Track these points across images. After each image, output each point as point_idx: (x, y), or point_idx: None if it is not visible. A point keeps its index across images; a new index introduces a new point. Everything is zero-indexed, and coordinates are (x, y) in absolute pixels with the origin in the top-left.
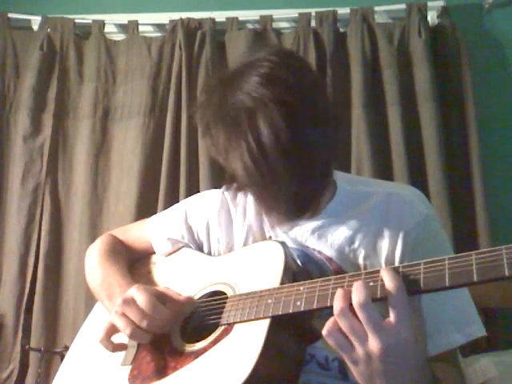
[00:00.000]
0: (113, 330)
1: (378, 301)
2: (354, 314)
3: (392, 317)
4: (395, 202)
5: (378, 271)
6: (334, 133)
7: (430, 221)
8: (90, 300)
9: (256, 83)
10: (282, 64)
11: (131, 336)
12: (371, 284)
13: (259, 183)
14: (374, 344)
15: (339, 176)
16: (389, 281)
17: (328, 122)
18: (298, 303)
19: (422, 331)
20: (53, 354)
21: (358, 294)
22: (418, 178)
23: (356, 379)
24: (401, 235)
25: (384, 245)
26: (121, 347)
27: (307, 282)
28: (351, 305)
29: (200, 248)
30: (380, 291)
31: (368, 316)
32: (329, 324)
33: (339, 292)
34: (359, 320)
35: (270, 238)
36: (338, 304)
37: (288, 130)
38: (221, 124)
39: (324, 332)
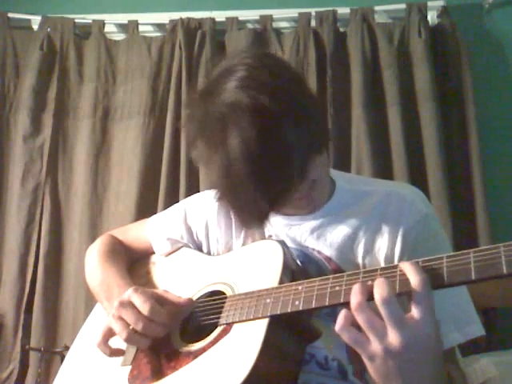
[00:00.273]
0: (110, 333)
1: (398, 296)
2: (371, 308)
3: (416, 312)
4: (395, 201)
5: (376, 270)
6: (317, 128)
7: (430, 220)
8: (89, 300)
9: (234, 88)
10: (258, 65)
11: (127, 340)
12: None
13: (229, 191)
14: (394, 339)
15: (338, 175)
16: (414, 275)
17: (309, 118)
18: (297, 303)
19: (438, 326)
20: (53, 353)
21: (381, 289)
22: (418, 178)
23: (371, 375)
24: (400, 234)
25: (383, 244)
26: (118, 353)
27: (306, 281)
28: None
29: (199, 248)
30: (400, 286)
31: (391, 311)
32: (341, 320)
33: (357, 286)
34: (377, 315)
35: (270, 237)
36: (355, 298)
37: (258, 138)
38: (202, 134)
39: (337, 327)
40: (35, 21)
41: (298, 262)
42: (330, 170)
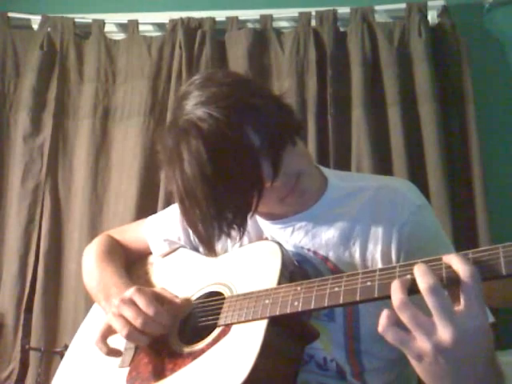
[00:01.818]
0: (109, 331)
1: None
2: (415, 305)
3: (466, 303)
4: (387, 195)
5: (374, 271)
6: (279, 123)
7: (424, 211)
8: (90, 300)
9: (188, 111)
10: (206, 81)
11: (128, 337)
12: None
13: (185, 209)
14: (445, 334)
15: (330, 172)
16: (463, 265)
17: (264, 116)
18: (296, 303)
19: (487, 319)
20: (53, 353)
21: (426, 278)
22: (417, 178)
23: (420, 375)
24: (395, 227)
25: (379, 239)
26: (115, 352)
27: (305, 282)
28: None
29: (196, 249)
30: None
31: (440, 301)
32: (384, 320)
33: (396, 283)
34: (422, 310)
35: (267, 239)
36: (397, 295)
37: (210, 161)
38: (167, 162)
39: (380, 328)
40: (35, 20)
41: (296, 263)
42: (313, 161)
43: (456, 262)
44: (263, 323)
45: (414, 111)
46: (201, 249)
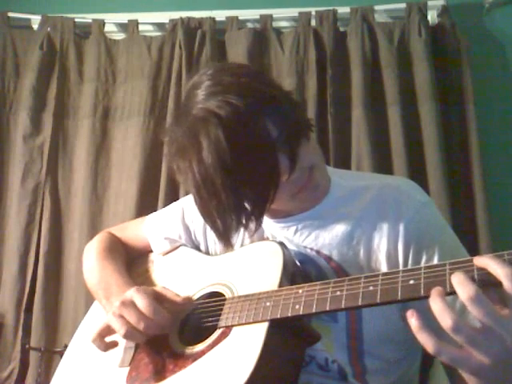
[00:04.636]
0: (107, 330)
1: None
2: (468, 324)
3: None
4: (391, 194)
5: (377, 275)
6: (294, 116)
7: (429, 208)
8: (90, 299)
9: (201, 99)
10: (219, 71)
11: (126, 336)
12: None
13: (202, 201)
14: (500, 343)
15: (332, 171)
16: (502, 267)
17: (282, 108)
18: (297, 307)
19: None
20: (53, 353)
21: (467, 288)
22: (417, 178)
23: None
24: (402, 225)
25: (384, 238)
26: (113, 345)
27: (306, 284)
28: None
29: (197, 247)
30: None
31: (487, 311)
32: (434, 340)
33: (440, 304)
34: (472, 325)
35: (268, 238)
36: (447, 317)
37: (229, 145)
38: (180, 153)
39: (433, 351)
40: (35, 20)
41: (298, 263)
42: (323, 157)
43: (493, 265)
44: (264, 326)
45: (414, 111)
46: (202, 247)
